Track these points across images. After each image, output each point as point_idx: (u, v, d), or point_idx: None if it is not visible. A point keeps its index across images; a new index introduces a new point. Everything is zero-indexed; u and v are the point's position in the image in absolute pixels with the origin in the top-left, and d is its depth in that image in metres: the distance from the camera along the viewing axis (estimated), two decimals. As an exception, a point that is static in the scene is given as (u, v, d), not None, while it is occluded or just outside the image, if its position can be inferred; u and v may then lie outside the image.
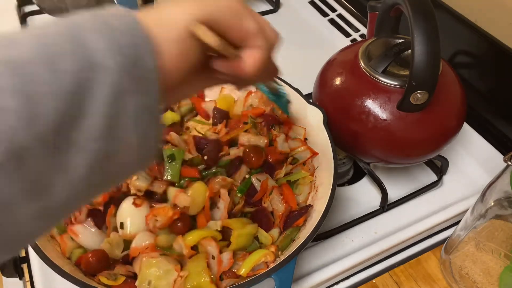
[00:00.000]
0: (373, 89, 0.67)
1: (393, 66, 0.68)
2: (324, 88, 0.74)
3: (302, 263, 0.68)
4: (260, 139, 0.70)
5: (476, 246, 0.62)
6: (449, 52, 0.96)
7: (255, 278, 0.55)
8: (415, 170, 0.83)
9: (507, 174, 0.54)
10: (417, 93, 0.61)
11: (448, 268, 0.68)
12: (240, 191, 0.65)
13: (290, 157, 0.72)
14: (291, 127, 0.75)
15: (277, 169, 0.70)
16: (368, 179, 0.81)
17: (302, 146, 0.72)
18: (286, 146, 0.71)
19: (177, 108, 0.77)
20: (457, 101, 0.69)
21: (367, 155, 0.73)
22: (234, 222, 0.61)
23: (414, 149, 0.69)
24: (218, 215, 0.63)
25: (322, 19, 1.17)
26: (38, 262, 0.65)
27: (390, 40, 0.73)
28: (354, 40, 1.10)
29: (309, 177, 0.69)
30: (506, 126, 0.89)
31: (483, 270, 0.62)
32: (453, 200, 0.77)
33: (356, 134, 0.69)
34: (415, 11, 0.59)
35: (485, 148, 0.85)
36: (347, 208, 0.76)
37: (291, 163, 0.71)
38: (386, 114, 0.66)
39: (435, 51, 0.59)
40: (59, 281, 0.57)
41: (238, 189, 0.65)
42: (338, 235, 0.72)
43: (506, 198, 0.56)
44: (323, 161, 0.69)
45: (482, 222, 0.59)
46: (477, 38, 0.89)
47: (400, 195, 0.78)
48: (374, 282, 0.69)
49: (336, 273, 0.66)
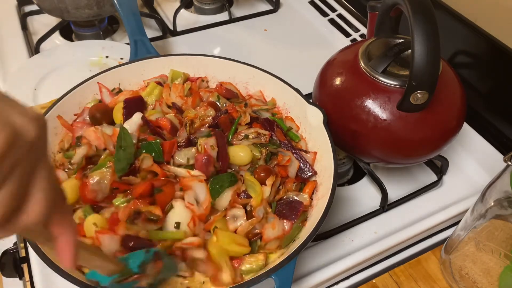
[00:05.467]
0: (373, 89, 0.67)
1: (393, 66, 0.68)
2: (324, 88, 0.74)
3: (302, 263, 0.68)
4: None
5: (476, 246, 0.62)
6: (449, 52, 0.96)
7: (255, 278, 0.55)
8: (415, 170, 0.83)
9: (507, 174, 0.55)
10: (417, 93, 0.61)
11: (448, 268, 0.68)
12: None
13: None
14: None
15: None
16: (368, 179, 0.81)
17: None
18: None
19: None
20: (457, 101, 0.69)
21: (367, 155, 0.73)
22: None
23: (414, 149, 0.69)
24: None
25: (322, 19, 1.18)
26: (38, 262, 0.65)
27: (390, 40, 0.73)
28: (354, 40, 1.10)
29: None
30: (506, 126, 0.89)
31: (483, 270, 0.62)
32: (453, 200, 0.77)
33: (356, 134, 0.69)
34: (415, 11, 0.59)
35: (485, 148, 0.85)
36: (347, 208, 0.76)
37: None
38: (386, 114, 0.66)
39: (435, 51, 0.59)
40: (59, 281, 0.57)
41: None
42: (338, 235, 0.72)
43: (506, 198, 0.56)
44: (323, 161, 0.69)
45: (482, 222, 0.59)
46: (477, 38, 0.89)
47: (400, 195, 0.78)
48: (374, 282, 0.69)
49: (336, 273, 0.66)
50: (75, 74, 0.92)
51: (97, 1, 0.96)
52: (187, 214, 0.60)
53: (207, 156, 0.64)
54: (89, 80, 0.77)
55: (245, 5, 1.23)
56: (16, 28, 1.09)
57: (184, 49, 1.07)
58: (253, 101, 0.79)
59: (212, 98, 0.76)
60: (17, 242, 0.74)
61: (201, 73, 0.83)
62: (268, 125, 0.73)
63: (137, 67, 0.81)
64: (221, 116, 0.71)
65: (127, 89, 0.80)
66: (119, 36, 1.10)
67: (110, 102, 0.76)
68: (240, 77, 0.81)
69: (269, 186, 0.64)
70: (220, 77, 0.82)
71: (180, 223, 0.59)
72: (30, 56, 1.01)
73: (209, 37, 1.11)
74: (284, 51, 1.08)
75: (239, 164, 0.67)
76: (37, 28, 1.11)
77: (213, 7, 1.19)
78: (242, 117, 0.73)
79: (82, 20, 1.02)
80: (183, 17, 1.15)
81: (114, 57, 0.99)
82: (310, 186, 0.68)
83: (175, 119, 0.71)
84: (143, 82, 0.81)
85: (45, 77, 0.94)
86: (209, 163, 0.64)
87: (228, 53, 0.93)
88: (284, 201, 0.66)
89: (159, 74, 0.82)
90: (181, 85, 0.79)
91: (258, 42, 1.11)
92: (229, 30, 1.14)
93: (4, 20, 1.11)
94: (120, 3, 0.89)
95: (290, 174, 0.69)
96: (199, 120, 0.71)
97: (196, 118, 0.71)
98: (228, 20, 1.16)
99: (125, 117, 0.71)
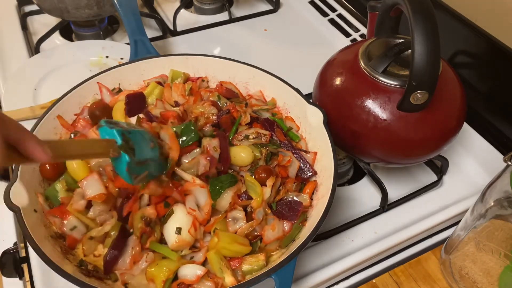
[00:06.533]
0: (373, 89, 0.67)
1: (393, 66, 0.68)
2: (324, 88, 0.74)
3: (302, 263, 0.68)
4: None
5: (476, 246, 0.62)
6: (449, 52, 0.96)
7: (255, 278, 0.55)
8: (415, 170, 0.83)
9: (507, 174, 0.55)
10: (417, 93, 0.61)
11: (448, 268, 0.68)
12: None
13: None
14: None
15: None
16: (368, 179, 0.81)
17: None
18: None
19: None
20: (457, 101, 0.69)
21: (367, 155, 0.73)
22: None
23: (414, 149, 0.69)
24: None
25: (322, 19, 1.18)
26: (38, 262, 0.65)
27: (390, 40, 0.73)
28: (354, 40, 1.10)
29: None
30: (506, 126, 0.89)
31: (483, 270, 0.62)
32: (453, 200, 0.77)
33: (356, 134, 0.69)
34: (415, 11, 0.59)
35: (485, 148, 0.85)
36: (347, 208, 0.76)
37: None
38: (386, 114, 0.66)
39: (435, 51, 0.59)
40: (59, 281, 0.57)
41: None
42: (338, 235, 0.72)
43: (506, 198, 0.56)
44: (323, 161, 0.69)
45: (482, 222, 0.59)
46: (477, 38, 0.89)
47: (400, 195, 0.78)
48: (374, 282, 0.69)
49: (336, 273, 0.66)
50: (75, 74, 0.92)
51: (97, 1, 0.96)
52: (188, 219, 0.60)
53: (210, 157, 0.64)
54: (89, 80, 0.77)
55: (245, 5, 1.23)
56: (16, 28, 1.09)
57: (184, 49, 1.07)
58: (253, 101, 0.79)
59: (213, 98, 0.76)
60: (17, 242, 0.74)
61: (201, 73, 0.83)
62: (268, 125, 0.73)
63: (137, 67, 0.81)
64: (223, 116, 0.71)
65: (127, 89, 0.80)
66: (119, 36, 1.10)
67: (110, 102, 0.76)
68: (240, 77, 0.81)
69: (270, 187, 0.64)
70: (220, 77, 0.82)
71: (181, 229, 0.60)
72: (30, 56, 1.01)
73: (209, 37, 1.11)
74: (284, 51, 1.08)
75: (240, 165, 0.67)
76: (37, 28, 1.11)
77: (213, 7, 1.19)
78: (242, 117, 0.73)
79: (82, 20, 1.02)
80: (183, 17, 1.15)
81: (114, 57, 0.99)
82: (310, 186, 0.68)
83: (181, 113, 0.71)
84: (143, 82, 0.81)
85: (45, 77, 0.94)
86: (211, 164, 0.64)
87: (228, 53, 0.93)
88: (284, 201, 0.66)
89: (159, 74, 0.82)
90: (182, 85, 0.79)
91: (258, 42, 1.11)
92: (229, 30, 1.14)
93: (4, 20, 1.11)
94: (120, 3, 0.89)
95: (290, 174, 0.69)
96: (204, 118, 0.71)
97: (202, 116, 0.71)
98: (228, 20, 1.16)
99: (127, 112, 0.72)
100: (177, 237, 0.59)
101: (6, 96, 0.88)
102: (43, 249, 0.55)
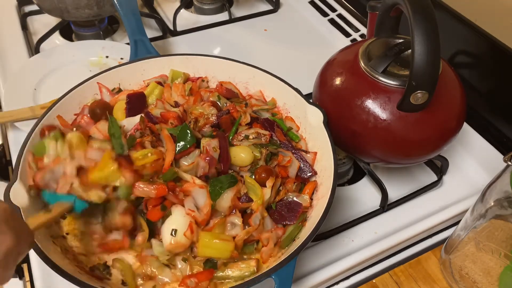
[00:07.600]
0: (373, 89, 0.67)
1: (393, 66, 0.68)
2: (324, 88, 0.74)
3: (302, 263, 0.68)
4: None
5: (476, 246, 0.62)
6: (449, 52, 0.96)
7: (255, 278, 0.55)
8: (415, 170, 0.83)
9: (507, 174, 0.55)
10: (417, 93, 0.61)
11: (448, 268, 0.68)
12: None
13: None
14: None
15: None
16: (368, 179, 0.81)
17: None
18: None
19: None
20: (457, 101, 0.69)
21: (367, 155, 0.73)
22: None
23: (414, 149, 0.69)
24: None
25: (322, 19, 1.18)
26: (38, 262, 0.65)
27: (390, 40, 0.73)
28: (354, 40, 1.10)
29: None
30: (506, 126, 0.89)
31: (483, 270, 0.62)
32: (453, 200, 0.77)
33: (356, 134, 0.69)
34: (415, 11, 0.59)
35: (485, 148, 0.85)
36: (347, 208, 0.76)
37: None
38: (386, 114, 0.66)
39: (435, 51, 0.59)
40: (59, 281, 0.57)
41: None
42: (338, 235, 0.72)
43: (506, 198, 0.56)
44: (323, 161, 0.69)
45: (482, 222, 0.59)
46: (477, 38, 0.89)
47: (400, 195, 0.78)
48: (374, 282, 0.69)
49: (336, 273, 0.66)
50: (75, 74, 0.92)
51: (97, 1, 0.96)
52: (185, 221, 0.60)
53: (209, 157, 0.64)
54: (89, 80, 0.77)
55: (245, 5, 1.23)
56: (16, 28, 1.09)
57: (184, 49, 1.07)
58: (253, 101, 0.79)
59: (213, 98, 0.76)
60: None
61: (201, 73, 0.83)
62: (268, 125, 0.73)
63: (137, 67, 0.81)
64: (223, 116, 0.71)
65: (127, 89, 0.80)
66: (119, 36, 1.10)
67: (110, 102, 0.76)
68: (240, 77, 0.81)
69: (270, 188, 0.64)
70: (220, 77, 0.82)
71: (177, 231, 0.59)
72: (30, 56, 1.01)
73: (209, 37, 1.11)
74: (284, 51, 1.08)
75: (240, 165, 0.67)
76: (37, 28, 1.11)
77: (213, 7, 1.19)
78: (242, 117, 0.73)
79: (82, 20, 1.02)
80: (183, 17, 1.15)
81: (114, 57, 0.99)
82: (310, 186, 0.68)
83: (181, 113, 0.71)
84: (143, 82, 0.81)
85: (45, 77, 0.94)
86: (211, 165, 0.64)
87: (228, 53, 0.93)
88: (284, 202, 0.66)
89: (159, 74, 0.82)
90: (182, 85, 0.79)
91: (258, 42, 1.11)
92: (229, 30, 1.14)
93: (4, 20, 1.11)
94: (120, 3, 0.89)
95: (290, 174, 0.69)
96: (203, 119, 0.71)
97: (201, 117, 0.71)
98: (228, 20, 1.16)
99: (128, 111, 0.72)
100: (172, 239, 0.59)
101: (6, 96, 0.88)
102: (43, 249, 0.55)
